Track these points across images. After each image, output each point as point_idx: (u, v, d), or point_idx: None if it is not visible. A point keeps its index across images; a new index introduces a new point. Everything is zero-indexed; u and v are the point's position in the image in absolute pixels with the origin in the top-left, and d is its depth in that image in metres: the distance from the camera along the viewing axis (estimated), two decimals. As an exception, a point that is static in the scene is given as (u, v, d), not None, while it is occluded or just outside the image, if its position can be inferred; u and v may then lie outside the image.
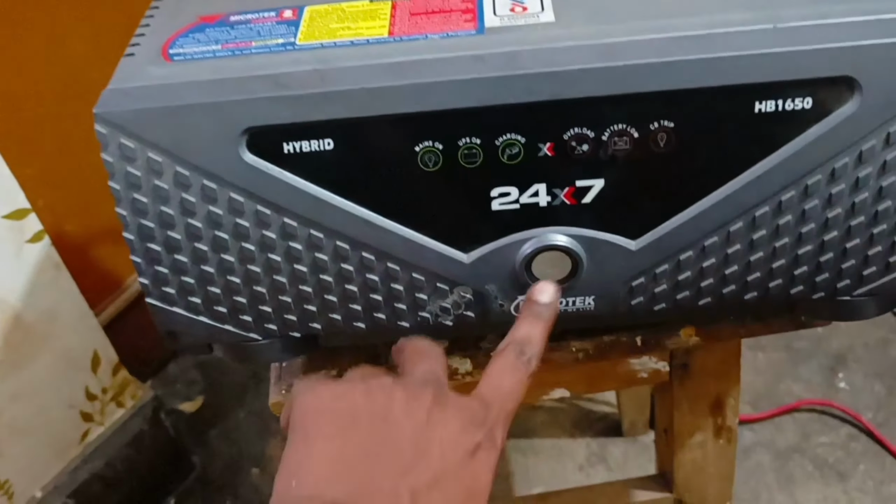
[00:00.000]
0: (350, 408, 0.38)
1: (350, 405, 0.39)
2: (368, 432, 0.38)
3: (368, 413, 0.38)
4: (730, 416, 0.71)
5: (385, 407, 0.39)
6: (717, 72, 0.42)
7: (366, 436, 0.38)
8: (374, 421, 0.38)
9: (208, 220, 0.46)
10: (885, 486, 1.17)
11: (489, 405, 0.40)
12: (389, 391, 0.39)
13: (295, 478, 0.37)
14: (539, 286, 0.46)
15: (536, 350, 0.43)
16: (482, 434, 0.39)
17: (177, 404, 1.39)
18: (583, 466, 1.26)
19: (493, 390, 0.41)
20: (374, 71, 0.43)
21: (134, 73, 0.46)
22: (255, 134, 0.44)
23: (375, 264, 0.48)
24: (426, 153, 0.45)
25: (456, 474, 0.37)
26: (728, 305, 0.50)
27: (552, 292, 0.46)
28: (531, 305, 0.46)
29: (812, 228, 0.47)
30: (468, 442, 0.38)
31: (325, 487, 0.36)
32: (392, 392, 0.39)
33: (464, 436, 0.38)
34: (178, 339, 0.51)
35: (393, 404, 0.39)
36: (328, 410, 0.39)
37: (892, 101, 0.43)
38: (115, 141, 0.44)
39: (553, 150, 0.45)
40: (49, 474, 1.08)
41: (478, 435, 0.39)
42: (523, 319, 0.45)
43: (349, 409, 0.38)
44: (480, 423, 0.39)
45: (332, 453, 0.37)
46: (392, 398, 0.39)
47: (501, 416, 0.41)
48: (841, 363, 1.35)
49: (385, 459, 0.37)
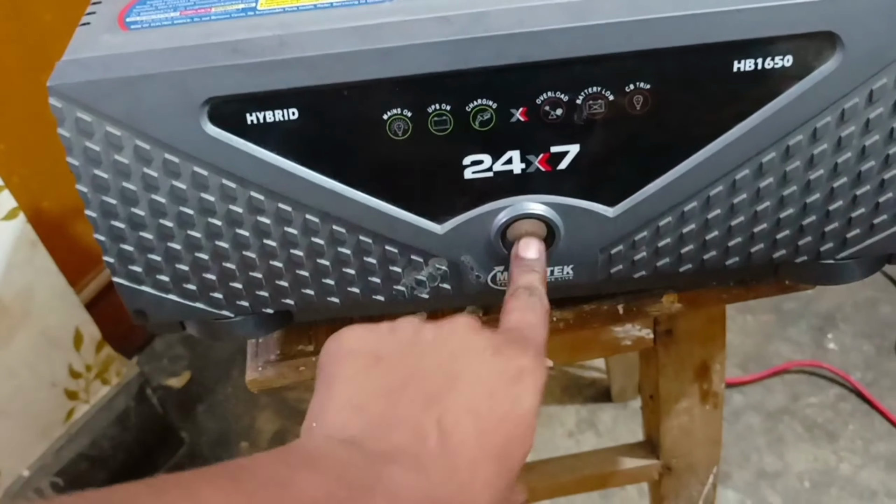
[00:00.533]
0: (374, 347, 0.37)
1: (374, 345, 0.37)
2: (392, 367, 0.36)
3: (393, 349, 0.37)
4: (716, 382, 0.71)
5: (411, 339, 0.37)
6: (693, 30, 0.41)
7: (390, 370, 0.36)
8: (398, 354, 0.36)
9: (172, 195, 0.44)
10: (873, 445, 1.17)
11: (523, 333, 0.39)
12: (418, 325, 0.38)
13: (316, 420, 0.35)
14: (523, 242, 0.45)
15: (542, 292, 0.42)
16: (526, 357, 0.36)
17: (163, 380, 1.38)
18: (572, 433, 1.26)
19: (520, 323, 0.40)
20: (337, 35, 0.41)
21: (89, 43, 0.44)
22: (217, 104, 0.42)
23: (347, 237, 0.46)
24: (394, 121, 0.43)
25: (492, 399, 0.34)
26: (710, 271, 0.49)
27: (537, 246, 0.45)
28: (519, 262, 0.44)
29: (794, 191, 0.45)
30: (507, 365, 0.36)
31: (340, 426, 0.34)
32: (420, 325, 0.38)
33: (501, 359, 0.36)
34: (148, 317, 0.50)
35: (421, 336, 0.37)
36: (351, 352, 0.37)
37: (874, 57, 0.41)
38: (71, 115, 0.42)
39: (526, 116, 0.43)
40: (35, 453, 1.07)
41: (520, 359, 0.36)
42: (518, 274, 0.44)
43: (373, 349, 0.37)
44: (521, 348, 0.37)
45: (353, 392, 0.35)
46: (420, 330, 0.37)
47: (539, 342, 0.39)
48: (830, 324, 1.35)
49: (409, 392, 0.35)
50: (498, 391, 0.35)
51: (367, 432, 0.33)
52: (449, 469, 0.32)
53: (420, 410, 0.34)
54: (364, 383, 0.35)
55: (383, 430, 0.33)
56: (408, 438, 0.33)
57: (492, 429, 0.34)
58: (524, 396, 0.35)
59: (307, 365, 0.56)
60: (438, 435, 0.33)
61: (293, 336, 0.57)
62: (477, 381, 0.35)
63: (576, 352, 0.64)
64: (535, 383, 0.36)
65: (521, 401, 0.35)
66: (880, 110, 0.43)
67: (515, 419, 0.35)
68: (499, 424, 0.34)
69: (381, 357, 0.36)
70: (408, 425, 0.33)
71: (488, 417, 0.34)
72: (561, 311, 0.55)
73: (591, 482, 0.85)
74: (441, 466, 0.32)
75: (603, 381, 1.30)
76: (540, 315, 0.41)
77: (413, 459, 0.32)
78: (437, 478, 0.32)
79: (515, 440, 0.34)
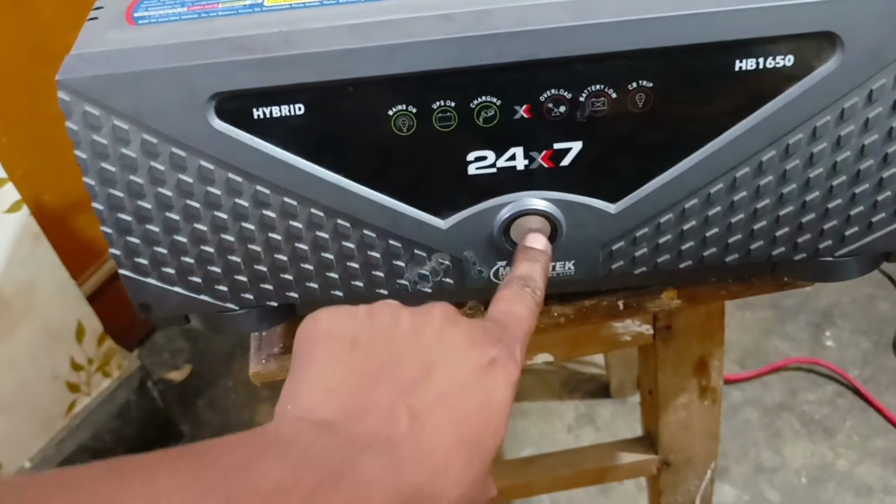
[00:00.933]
0: (351, 331, 0.36)
1: (352, 329, 0.36)
2: (368, 352, 0.36)
3: (370, 334, 0.36)
4: (714, 377, 0.71)
5: (389, 326, 0.37)
6: (696, 29, 0.41)
7: (366, 356, 0.35)
8: (375, 340, 0.36)
9: (178, 188, 0.45)
10: (870, 441, 1.18)
11: (504, 324, 0.39)
12: (395, 312, 0.37)
13: (290, 402, 0.34)
14: (530, 236, 0.46)
15: (539, 284, 0.42)
16: (498, 349, 0.37)
17: (164, 373, 1.38)
18: (571, 428, 1.26)
19: (505, 314, 0.40)
20: (341, 32, 0.41)
21: (97, 38, 0.44)
22: (224, 100, 0.43)
23: (351, 232, 0.47)
24: (399, 117, 0.44)
25: (465, 391, 0.35)
26: (709, 268, 0.50)
27: (544, 240, 0.46)
28: (525, 251, 0.45)
29: (793, 189, 0.46)
30: (482, 357, 0.36)
31: (314, 408, 0.33)
32: (398, 312, 0.37)
33: (476, 351, 0.36)
34: (152, 310, 0.50)
35: (398, 323, 0.37)
36: (327, 335, 0.36)
37: (874, 58, 0.42)
38: (79, 109, 0.43)
39: (529, 113, 0.44)
40: (36, 445, 1.08)
41: (492, 350, 0.36)
42: (520, 262, 0.44)
43: (350, 332, 0.36)
44: (496, 339, 0.37)
45: (328, 374, 0.35)
46: (398, 318, 0.37)
47: (518, 335, 0.39)
48: (828, 320, 1.36)
49: (385, 377, 0.34)
50: (471, 383, 0.35)
51: (341, 416, 0.33)
52: (421, 456, 0.32)
53: (394, 397, 0.34)
54: (339, 367, 0.35)
55: (357, 415, 0.33)
56: (381, 423, 0.33)
57: (464, 420, 0.34)
58: (496, 389, 0.35)
59: (310, 358, 0.56)
60: (411, 422, 0.33)
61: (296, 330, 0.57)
62: (451, 372, 0.35)
63: (576, 347, 0.65)
64: (507, 376, 0.36)
65: (493, 393, 0.35)
66: (879, 110, 0.43)
67: (488, 411, 0.35)
68: (471, 416, 0.34)
69: (357, 342, 0.36)
70: (381, 410, 0.33)
71: (461, 408, 0.34)
72: (561, 307, 0.56)
73: (589, 477, 0.85)
74: (413, 453, 0.32)
75: (602, 377, 1.31)
76: (528, 307, 0.41)
77: (385, 445, 0.32)
78: (409, 465, 0.32)
79: (488, 431, 0.34)
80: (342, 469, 0.30)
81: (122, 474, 0.27)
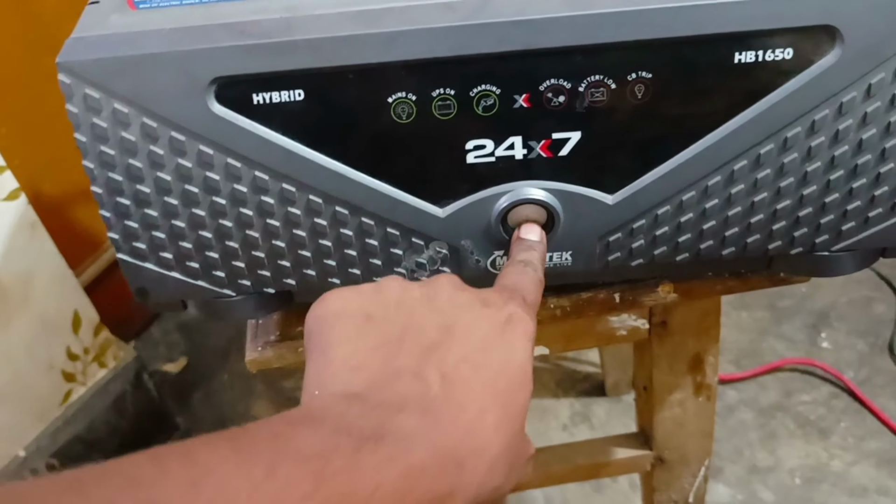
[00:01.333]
0: (362, 307, 0.36)
1: (361, 304, 0.36)
2: (384, 323, 0.35)
3: (382, 305, 0.36)
4: (709, 374, 0.71)
5: (399, 296, 0.37)
6: (696, 21, 0.41)
7: (382, 327, 0.35)
8: (388, 311, 0.36)
9: (177, 173, 0.45)
10: (864, 442, 1.18)
11: (513, 289, 0.39)
12: (403, 283, 0.38)
13: (317, 387, 0.34)
14: (525, 227, 0.46)
15: (539, 267, 0.43)
16: (512, 306, 0.37)
17: (160, 366, 1.38)
18: (566, 426, 1.26)
19: (512, 282, 0.40)
20: (342, 19, 0.42)
21: (98, 21, 0.44)
22: (224, 84, 0.43)
23: (349, 219, 0.47)
24: (399, 104, 0.44)
25: (487, 347, 0.35)
26: (706, 261, 0.50)
27: (539, 231, 0.46)
28: (520, 242, 0.45)
29: (791, 182, 0.46)
30: (498, 314, 0.36)
31: (343, 385, 0.33)
32: (405, 284, 0.38)
33: (492, 310, 0.36)
34: (150, 295, 0.50)
35: (408, 292, 0.37)
36: (340, 314, 0.36)
37: (873, 52, 0.42)
38: (79, 91, 0.43)
39: (529, 102, 0.44)
40: (31, 434, 1.08)
41: (507, 307, 0.37)
42: (517, 251, 0.44)
43: (361, 308, 0.36)
44: (508, 298, 0.37)
45: (349, 353, 0.34)
46: (406, 288, 0.37)
47: (529, 299, 0.39)
48: (824, 322, 1.36)
49: (406, 344, 0.35)
50: (491, 340, 0.35)
51: (370, 387, 0.33)
52: (455, 415, 0.32)
53: (419, 360, 0.34)
54: (359, 343, 0.35)
55: (386, 383, 0.33)
56: (411, 387, 0.33)
57: (491, 375, 0.34)
58: (516, 343, 0.36)
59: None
60: (441, 382, 0.33)
61: (293, 318, 0.57)
62: (469, 331, 0.35)
63: (572, 340, 0.65)
64: (525, 330, 0.36)
65: (514, 347, 0.35)
66: (878, 104, 0.43)
67: (512, 366, 0.35)
68: (497, 371, 0.34)
69: (371, 316, 0.36)
70: (409, 374, 0.33)
71: (486, 365, 0.34)
72: (558, 298, 0.56)
73: (583, 472, 0.85)
74: (447, 412, 0.32)
75: (597, 376, 1.31)
76: (532, 280, 0.41)
77: (419, 406, 0.32)
78: (445, 423, 0.32)
79: (515, 385, 0.34)
80: (381, 430, 0.30)
81: (162, 456, 0.27)
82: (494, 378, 0.34)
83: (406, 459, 0.30)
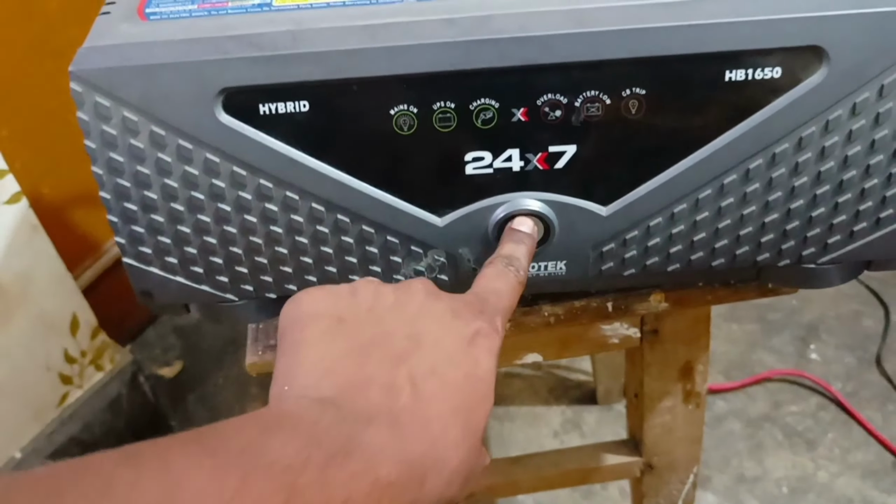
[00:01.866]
0: (336, 310, 0.37)
1: (336, 307, 0.37)
2: (356, 328, 0.36)
3: (355, 310, 0.37)
4: (699, 382, 0.73)
5: (371, 302, 0.38)
6: (688, 40, 0.43)
7: (354, 331, 0.36)
8: (360, 316, 0.37)
9: (184, 180, 0.46)
10: (850, 454, 1.20)
11: (484, 298, 0.40)
12: (377, 288, 0.38)
13: (287, 384, 0.35)
14: (518, 219, 0.47)
15: (523, 264, 0.44)
16: (481, 320, 0.38)
17: (155, 369, 1.39)
18: (557, 433, 1.28)
19: (485, 289, 0.41)
20: (348, 33, 0.43)
21: (109, 31, 0.45)
22: (231, 94, 0.44)
23: (350, 227, 0.48)
24: (401, 116, 0.45)
25: (453, 360, 0.36)
26: (696, 272, 0.51)
27: (531, 224, 0.47)
28: (511, 232, 0.47)
29: (779, 196, 0.47)
30: (465, 328, 0.37)
31: (314, 387, 0.34)
32: (379, 289, 0.38)
33: (460, 322, 0.37)
34: (154, 298, 0.51)
35: (381, 298, 0.38)
36: (313, 315, 0.37)
37: (858, 72, 0.44)
38: (90, 99, 0.44)
39: (527, 116, 0.45)
40: (27, 436, 1.09)
41: (475, 322, 0.38)
42: (505, 242, 0.46)
43: (334, 310, 0.37)
44: (478, 312, 0.38)
45: (321, 354, 0.35)
46: (380, 294, 0.38)
47: (499, 308, 0.40)
48: (813, 334, 1.37)
49: (377, 352, 0.35)
50: (457, 354, 0.36)
51: (341, 393, 0.34)
52: (421, 427, 0.33)
53: (389, 369, 0.35)
54: (331, 345, 0.36)
55: (356, 390, 0.34)
56: (381, 396, 0.34)
57: (455, 389, 0.35)
58: (481, 358, 0.37)
59: (305, 350, 0.57)
60: (410, 393, 0.34)
61: (293, 322, 0.58)
62: (437, 342, 0.36)
63: (564, 348, 0.66)
64: (489, 346, 0.37)
65: (479, 363, 0.36)
66: (863, 122, 0.45)
67: (476, 380, 0.36)
68: (461, 385, 0.35)
69: (343, 319, 0.37)
70: (379, 383, 0.34)
71: (451, 377, 0.35)
72: (552, 306, 0.57)
73: (573, 477, 0.87)
74: (414, 424, 0.33)
75: (589, 384, 1.32)
76: (510, 284, 0.42)
77: (388, 417, 0.33)
78: (411, 436, 0.33)
79: (477, 399, 0.36)
80: (350, 443, 0.31)
81: (138, 459, 0.27)
82: (458, 393, 0.35)
83: (374, 473, 0.31)
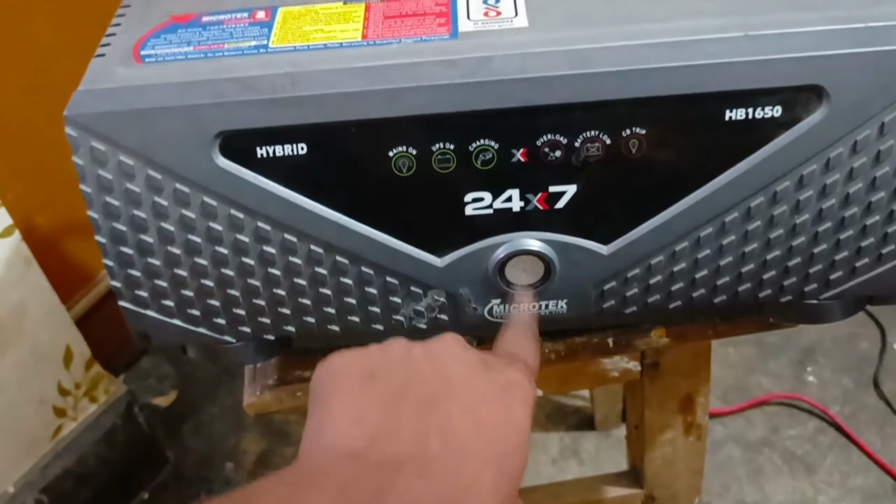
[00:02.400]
0: (367, 367, 0.37)
1: (367, 365, 0.37)
2: (387, 381, 0.36)
3: (386, 363, 0.37)
4: (700, 414, 0.72)
5: (403, 357, 0.37)
6: (688, 79, 0.43)
7: (385, 385, 0.36)
8: (392, 368, 0.37)
9: (181, 223, 0.46)
10: (850, 478, 1.19)
11: (514, 355, 0.40)
12: (407, 345, 0.38)
13: (316, 439, 0.35)
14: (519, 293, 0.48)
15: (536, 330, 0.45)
16: (513, 370, 0.38)
17: (150, 399, 1.38)
18: (556, 460, 1.27)
19: (513, 344, 0.41)
20: (346, 75, 0.43)
21: (104, 74, 0.45)
22: (229, 137, 0.44)
23: (349, 268, 0.48)
24: (400, 158, 0.45)
25: (487, 406, 0.35)
26: (698, 308, 0.51)
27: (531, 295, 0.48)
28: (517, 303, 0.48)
29: (780, 234, 0.47)
30: (498, 376, 0.37)
31: (343, 438, 0.34)
32: (410, 345, 0.38)
33: (493, 372, 0.37)
34: (151, 340, 0.51)
35: (412, 353, 0.38)
36: (344, 372, 0.37)
37: (859, 110, 0.43)
38: (86, 144, 0.44)
39: (526, 156, 0.45)
40: (20, 470, 1.07)
41: (507, 371, 0.37)
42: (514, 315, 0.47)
43: (366, 368, 0.37)
44: (509, 364, 0.38)
45: (351, 406, 0.35)
46: (411, 349, 0.38)
47: (529, 363, 0.40)
48: (810, 358, 1.37)
49: (408, 400, 0.35)
50: (492, 399, 0.36)
51: (370, 444, 0.33)
52: (452, 474, 0.32)
53: (420, 416, 0.34)
54: (361, 398, 0.35)
55: (385, 439, 0.33)
56: (411, 444, 0.33)
57: (490, 434, 0.34)
58: (515, 407, 0.36)
59: (304, 390, 0.57)
60: (440, 438, 0.33)
61: (291, 362, 0.58)
62: (471, 389, 0.36)
63: (565, 382, 0.66)
64: (524, 395, 0.37)
65: (513, 411, 0.36)
66: (863, 160, 0.45)
67: (509, 427, 0.35)
68: (496, 430, 0.35)
69: (374, 373, 0.37)
70: (409, 431, 0.34)
71: (486, 422, 0.35)
72: (553, 343, 0.57)
73: (574, 510, 0.86)
74: (444, 471, 0.32)
75: (587, 410, 1.32)
76: (534, 346, 0.42)
77: (418, 465, 0.32)
78: (441, 483, 0.32)
79: (513, 448, 0.35)
80: (379, 494, 0.30)
81: None
82: (493, 437, 0.34)
83: None
